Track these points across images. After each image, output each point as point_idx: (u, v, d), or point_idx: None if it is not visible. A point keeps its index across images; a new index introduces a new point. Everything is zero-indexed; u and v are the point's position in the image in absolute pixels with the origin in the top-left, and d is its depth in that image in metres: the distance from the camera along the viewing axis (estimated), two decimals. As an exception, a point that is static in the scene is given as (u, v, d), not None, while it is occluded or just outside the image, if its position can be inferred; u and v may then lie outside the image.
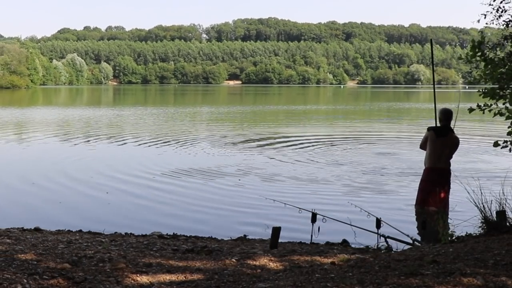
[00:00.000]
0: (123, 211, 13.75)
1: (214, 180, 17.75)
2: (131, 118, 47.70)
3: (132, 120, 45.60)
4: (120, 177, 18.15)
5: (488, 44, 9.01)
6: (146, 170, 19.42)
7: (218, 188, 16.51)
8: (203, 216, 13.22)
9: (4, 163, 21.30)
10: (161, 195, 15.55)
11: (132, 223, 12.44)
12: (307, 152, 24.32)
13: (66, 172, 18.93)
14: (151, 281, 6.42)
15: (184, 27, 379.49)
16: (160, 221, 12.63)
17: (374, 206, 13.49)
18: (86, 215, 13.33)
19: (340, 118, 50.69)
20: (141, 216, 13.18)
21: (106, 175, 18.39)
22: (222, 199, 14.96)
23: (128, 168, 19.74)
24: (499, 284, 5.72)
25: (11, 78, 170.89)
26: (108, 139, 30.08)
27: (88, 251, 8.24)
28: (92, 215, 13.29)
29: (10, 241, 8.93)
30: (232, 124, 41.91)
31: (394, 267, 6.60)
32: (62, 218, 12.92)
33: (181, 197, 15.25)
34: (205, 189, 16.27)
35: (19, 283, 6.04)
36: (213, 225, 12.35)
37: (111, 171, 19.28)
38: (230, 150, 25.45)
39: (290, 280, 6.32)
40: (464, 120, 37.49)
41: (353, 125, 42.37)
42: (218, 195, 15.46)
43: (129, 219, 12.90)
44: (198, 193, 15.71)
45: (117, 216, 13.24)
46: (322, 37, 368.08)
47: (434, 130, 13.05)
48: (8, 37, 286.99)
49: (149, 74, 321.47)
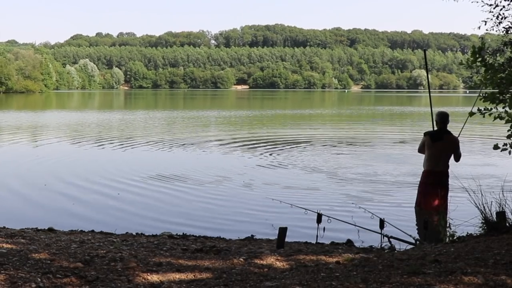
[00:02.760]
0: (134, 212, 13.76)
1: (222, 181, 17.74)
2: (142, 121, 47.75)
3: (143, 123, 45.65)
4: (131, 178, 18.14)
5: (488, 50, 9.00)
6: (156, 172, 19.40)
7: (226, 189, 16.51)
8: (212, 216, 13.23)
9: (18, 165, 21.30)
10: (170, 196, 15.56)
11: (142, 223, 12.46)
12: (312, 155, 24.29)
13: (79, 174, 18.95)
14: (161, 280, 6.42)
15: (193, 33, 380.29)
16: (170, 222, 12.63)
17: (378, 207, 13.48)
18: (98, 215, 13.35)
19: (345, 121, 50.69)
20: (151, 217, 13.18)
21: (117, 177, 18.38)
22: (230, 200, 14.97)
23: (139, 170, 19.72)
24: (499, 283, 5.72)
25: (26, 83, 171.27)
26: (120, 142, 30.09)
27: (100, 250, 8.25)
28: (104, 216, 13.31)
29: (25, 241, 8.94)
30: (240, 127, 41.90)
31: (397, 266, 6.60)
32: (75, 218, 12.94)
33: (190, 198, 15.24)
34: (213, 191, 16.26)
35: (33, 282, 6.04)
36: (221, 226, 12.34)
37: (122, 173, 19.28)
38: (238, 152, 25.46)
39: (296, 279, 6.32)
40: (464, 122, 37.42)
41: (357, 127, 42.32)
42: (227, 196, 15.47)
43: (140, 219, 12.91)
44: (207, 195, 15.71)
45: (128, 216, 13.25)
46: (327, 43, 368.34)
47: (430, 135, 13.00)
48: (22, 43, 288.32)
49: (159, 79, 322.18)
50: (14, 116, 54.67)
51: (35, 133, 36.62)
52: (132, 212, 13.75)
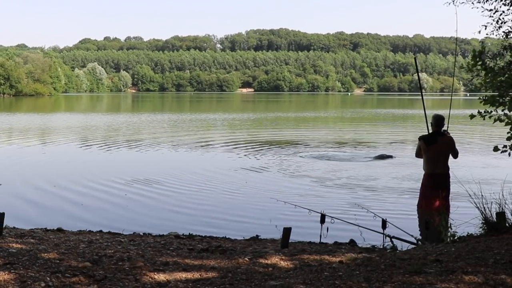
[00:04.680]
0: (141, 212, 13.77)
1: (228, 182, 17.77)
2: (149, 123, 47.80)
3: (150, 125, 45.70)
4: (138, 180, 18.16)
5: (488, 54, 9.00)
6: (163, 173, 19.44)
7: (232, 190, 16.51)
8: (218, 217, 13.24)
9: (28, 166, 21.35)
10: (176, 197, 15.58)
11: (149, 223, 12.47)
12: (316, 156, 24.29)
13: (86, 175, 18.97)
14: (168, 279, 6.43)
15: (199, 38, 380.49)
16: (176, 222, 12.65)
17: (380, 207, 13.48)
18: (106, 216, 13.37)
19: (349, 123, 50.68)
20: (158, 217, 13.20)
21: (125, 179, 18.38)
22: (235, 201, 15.00)
23: (146, 171, 19.74)
24: (498, 282, 5.73)
25: (35, 86, 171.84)
26: (127, 144, 30.15)
27: (108, 250, 8.26)
28: (112, 216, 13.33)
29: (34, 241, 8.95)
30: (246, 129, 41.94)
31: (399, 266, 6.60)
32: (83, 219, 12.96)
33: (196, 199, 15.26)
34: (219, 192, 16.27)
35: (43, 281, 6.05)
36: (227, 226, 12.35)
37: (129, 174, 19.27)
38: (242, 153, 25.48)
39: (300, 278, 6.32)
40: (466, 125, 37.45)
41: (360, 129, 42.32)
42: (232, 197, 15.51)
43: (147, 220, 12.93)
44: (213, 195, 15.72)
45: (135, 217, 13.26)
46: (330, 47, 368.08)
47: (424, 139, 12.99)
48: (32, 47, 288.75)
49: (166, 82, 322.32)
50: (24, 118, 54.76)
51: (45, 135, 36.68)
52: (139, 212, 13.76)
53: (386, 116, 64.97)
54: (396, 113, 73.50)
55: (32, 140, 32.45)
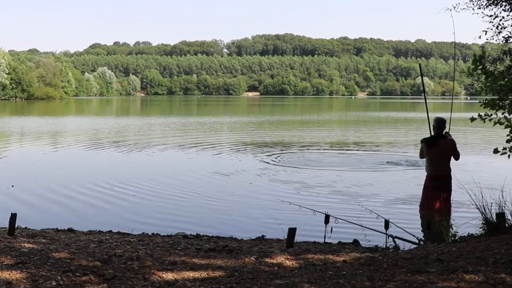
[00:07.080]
0: (149, 213, 13.77)
1: (235, 183, 17.80)
2: (159, 126, 47.82)
3: (159, 127, 45.73)
4: (147, 181, 18.17)
5: (488, 58, 9.00)
6: (172, 174, 19.47)
7: (238, 191, 16.53)
8: (224, 217, 13.25)
9: (39, 168, 21.39)
10: (184, 197, 15.59)
11: (158, 224, 12.46)
12: (319, 157, 24.29)
13: (96, 177, 18.98)
14: (176, 278, 6.44)
15: (206, 42, 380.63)
16: (184, 222, 12.64)
17: (383, 208, 13.48)
18: (115, 216, 13.39)
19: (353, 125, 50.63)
20: (166, 218, 13.20)
21: (134, 179, 18.39)
22: (241, 202, 15.00)
23: (154, 173, 19.76)
24: (498, 281, 5.73)
25: (46, 90, 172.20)
26: (136, 145, 30.15)
27: (118, 250, 8.28)
28: (121, 217, 13.35)
29: (45, 241, 8.97)
30: (252, 131, 41.93)
31: (401, 265, 6.60)
32: (93, 219, 12.97)
33: (203, 200, 15.27)
34: (225, 193, 16.27)
35: (54, 280, 6.07)
36: (233, 226, 12.36)
37: (138, 175, 19.30)
38: (249, 155, 25.45)
39: (305, 277, 6.33)
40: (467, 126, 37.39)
41: (363, 131, 42.27)
42: (239, 198, 15.50)
43: (156, 220, 12.93)
44: (219, 196, 15.72)
45: (144, 217, 13.25)
46: (334, 51, 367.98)
47: (425, 142, 13.00)
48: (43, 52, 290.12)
49: (174, 86, 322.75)
50: (36, 121, 54.86)
51: (56, 137, 36.70)
52: (147, 213, 13.77)
53: (395, 119, 64.88)
54: (398, 116, 73.44)
55: (44, 142, 32.50)
